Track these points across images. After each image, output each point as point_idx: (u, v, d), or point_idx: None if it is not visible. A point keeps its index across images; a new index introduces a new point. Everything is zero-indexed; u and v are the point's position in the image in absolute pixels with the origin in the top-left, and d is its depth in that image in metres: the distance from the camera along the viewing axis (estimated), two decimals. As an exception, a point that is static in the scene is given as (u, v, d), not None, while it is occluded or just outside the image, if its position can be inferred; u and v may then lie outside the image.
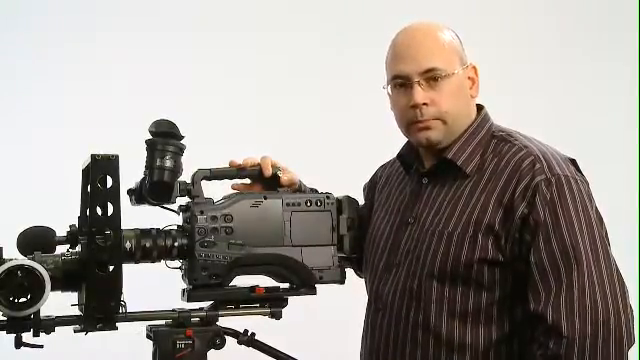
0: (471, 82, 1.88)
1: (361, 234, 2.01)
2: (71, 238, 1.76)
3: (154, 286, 2.12)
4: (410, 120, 1.84)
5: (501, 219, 1.73)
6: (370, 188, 2.15)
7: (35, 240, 1.75)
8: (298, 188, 1.98)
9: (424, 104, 1.81)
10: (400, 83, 1.84)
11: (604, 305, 1.64)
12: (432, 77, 1.81)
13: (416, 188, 1.91)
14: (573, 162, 1.82)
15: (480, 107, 1.92)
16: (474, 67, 1.88)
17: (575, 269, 1.66)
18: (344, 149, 3.38)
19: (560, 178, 1.72)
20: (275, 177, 1.95)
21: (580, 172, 1.81)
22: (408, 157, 1.98)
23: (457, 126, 1.85)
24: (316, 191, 2.00)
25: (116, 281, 1.71)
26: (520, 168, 1.75)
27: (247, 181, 1.98)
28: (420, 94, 1.81)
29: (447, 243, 1.77)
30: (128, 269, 1.76)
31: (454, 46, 1.86)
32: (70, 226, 1.77)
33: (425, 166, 1.91)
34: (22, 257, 1.71)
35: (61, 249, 1.77)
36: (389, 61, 1.88)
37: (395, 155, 2.04)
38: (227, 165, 1.94)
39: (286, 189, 1.95)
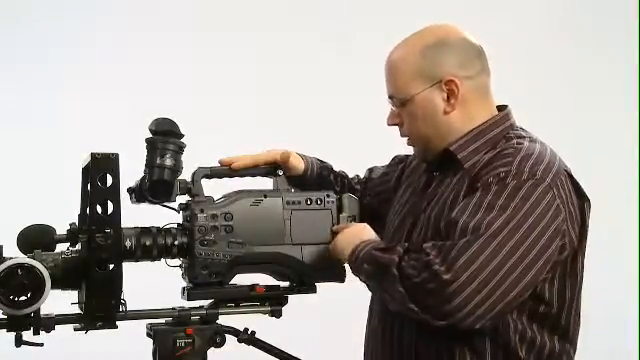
0: (448, 97, 1.80)
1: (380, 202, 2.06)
2: (71, 236, 1.76)
3: (154, 284, 2.12)
4: None
5: None
6: (400, 161, 2.14)
7: (35, 238, 1.75)
8: (305, 172, 2.04)
9: (397, 124, 1.87)
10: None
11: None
12: (394, 103, 1.86)
13: (428, 179, 1.91)
14: (571, 177, 1.77)
15: (502, 107, 1.88)
16: (451, 80, 1.79)
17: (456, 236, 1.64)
18: (344, 149, 3.38)
19: (517, 174, 1.68)
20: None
21: (575, 186, 1.76)
22: None
23: (435, 144, 1.84)
24: (344, 176, 2.09)
25: (116, 279, 1.71)
26: (495, 163, 1.73)
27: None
28: (389, 116, 1.89)
29: (432, 239, 1.75)
30: (128, 267, 1.77)
31: (416, 66, 1.81)
32: (70, 224, 1.77)
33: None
34: (22, 255, 1.71)
35: (62, 248, 1.77)
36: None
37: None
38: (218, 164, 1.96)
39: (288, 188, 1.96)
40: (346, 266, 1.94)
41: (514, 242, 1.63)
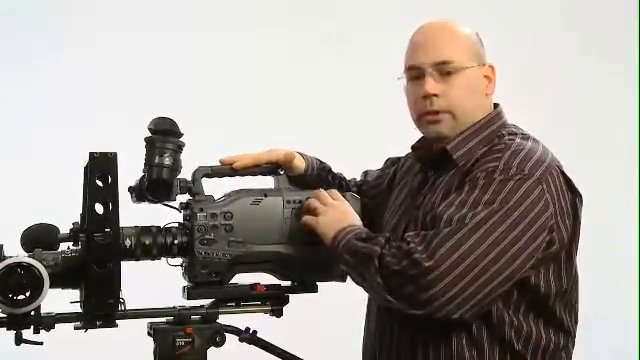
0: (487, 80, 1.88)
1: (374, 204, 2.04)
2: (74, 236, 1.76)
3: (157, 284, 2.12)
4: (421, 111, 1.85)
5: None
6: (393, 164, 2.15)
7: (38, 238, 1.76)
8: (305, 172, 2.02)
9: (435, 95, 1.82)
10: (414, 75, 1.86)
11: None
12: (445, 70, 1.82)
13: (423, 180, 1.92)
14: (564, 175, 1.78)
15: (496, 105, 1.91)
16: (491, 66, 1.88)
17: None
18: (344, 149, 3.38)
19: (504, 169, 1.70)
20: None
21: (569, 185, 1.77)
22: (421, 150, 1.97)
23: (467, 121, 1.85)
24: (342, 178, 2.07)
25: (114, 278, 1.71)
26: (484, 159, 1.75)
27: None
28: (431, 84, 1.82)
29: None
30: (131, 267, 1.77)
31: (472, 43, 1.87)
32: (73, 224, 1.77)
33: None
34: (23, 254, 1.71)
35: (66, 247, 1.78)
36: (406, 52, 1.89)
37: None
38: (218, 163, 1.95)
39: (288, 187, 1.95)
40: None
41: (498, 234, 1.64)
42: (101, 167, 1.72)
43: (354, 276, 1.77)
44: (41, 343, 1.71)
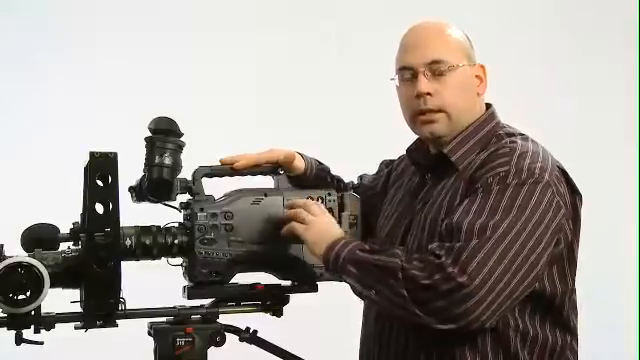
0: (478, 80, 1.88)
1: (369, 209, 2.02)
2: (74, 235, 1.76)
3: (157, 284, 2.12)
4: (414, 111, 1.85)
5: None
6: (387, 166, 2.16)
7: (38, 237, 1.76)
8: (304, 172, 2.00)
9: (428, 94, 1.82)
10: (407, 75, 1.85)
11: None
12: (438, 70, 1.82)
13: (421, 182, 1.92)
14: (564, 173, 1.79)
15: (488, 105, 1.92)
16: (482, 66, 1.89)
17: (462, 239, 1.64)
18: (344, 149, 3.38)
19: (517, 173, 1.70)
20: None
21: (569, 184, 1.78)
22: (417, 153, 1.97)
23: (461, 120, 1.85)
24: (340, 180, 2.05)
25: (114, 278, 1.71)
26: (492, 163, 1.75)
27: None
28: (424, 83, 1.82)
29: (428, 241, 1.76)
30: (132, 267, 1.77)
31: (462, 43, 1.87)
32: (73, 223, 1.78)
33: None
34: (24, 254, 1.71)
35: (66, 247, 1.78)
36: (398, 53, 1.89)
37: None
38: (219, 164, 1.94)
39: (288, 187, 1.95)
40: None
41: (520, 243, 1.65)
42: (101, 167, 1.73)
43: (359, 287, 1.74)
44: (41, 343, 1.71)
